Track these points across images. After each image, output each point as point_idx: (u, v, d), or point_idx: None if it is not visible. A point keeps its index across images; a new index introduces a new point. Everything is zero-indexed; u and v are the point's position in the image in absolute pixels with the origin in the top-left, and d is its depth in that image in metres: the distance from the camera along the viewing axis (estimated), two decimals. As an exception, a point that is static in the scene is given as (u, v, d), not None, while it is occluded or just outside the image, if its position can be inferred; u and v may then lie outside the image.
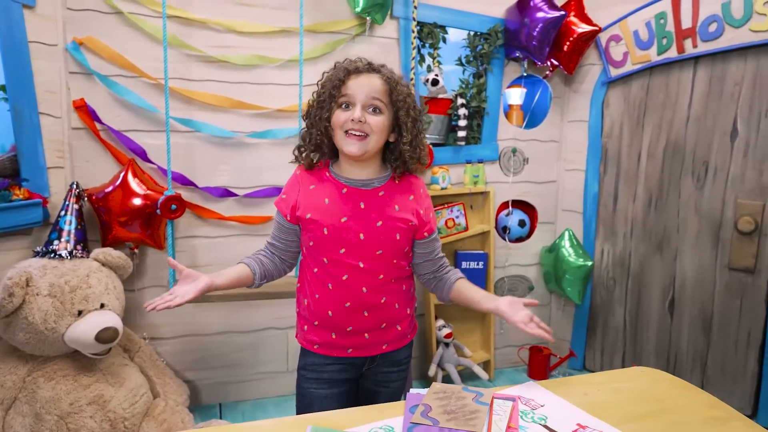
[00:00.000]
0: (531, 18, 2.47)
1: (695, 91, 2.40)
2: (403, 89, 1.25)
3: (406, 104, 1.24)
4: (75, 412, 1.79)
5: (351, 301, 1.27)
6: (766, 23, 2.11)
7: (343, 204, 1.24)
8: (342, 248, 1.25)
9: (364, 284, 1.26)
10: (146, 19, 2.13)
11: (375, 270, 1.26)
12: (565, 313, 2.92)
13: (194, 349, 2.39)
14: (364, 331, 1.30)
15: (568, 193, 2.88)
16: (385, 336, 1.33)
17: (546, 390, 1.15)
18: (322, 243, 1.26)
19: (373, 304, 1.28)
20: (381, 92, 1.22)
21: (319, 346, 1.32)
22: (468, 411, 1.01)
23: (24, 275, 1.76)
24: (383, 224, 1.25)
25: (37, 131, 2.01)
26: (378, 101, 1.21)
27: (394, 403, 1.10)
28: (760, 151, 2.21)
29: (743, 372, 2.30)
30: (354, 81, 1.22)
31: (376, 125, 1.21)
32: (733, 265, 2.31)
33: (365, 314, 1.28)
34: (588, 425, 1.02)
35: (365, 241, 1.24)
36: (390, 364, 1.38)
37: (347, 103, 1.22)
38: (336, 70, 1.26)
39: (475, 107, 2.66)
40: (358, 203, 1.25)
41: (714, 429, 1.01)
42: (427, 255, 1.35)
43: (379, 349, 1.33)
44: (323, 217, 1.24)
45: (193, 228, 2.30)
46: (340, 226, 1.23)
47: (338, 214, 1.24)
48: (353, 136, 1.21)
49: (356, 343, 1.31)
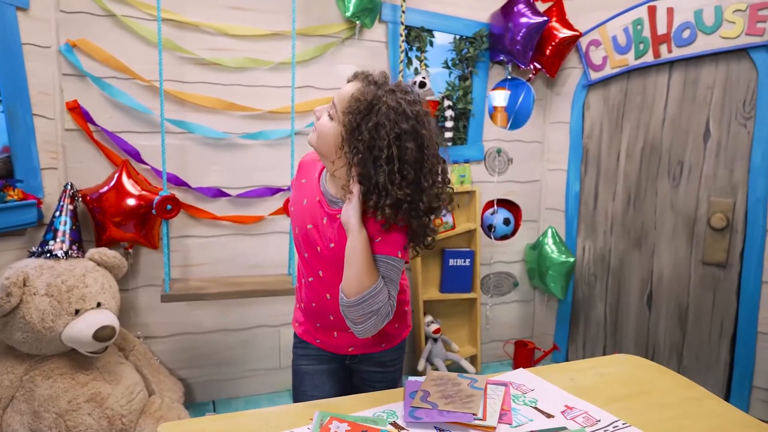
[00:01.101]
0: (515, 23, 2.56)
1: (670, 94, 2.51)
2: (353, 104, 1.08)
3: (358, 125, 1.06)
4: (73, 409, 1.82)
5: (317, 303, 1.28)
6: (734, 30, 2.22)
7: (313, 211, 1.22)
8: (306, 252, 1.25)
9: (328, 291, 1.24)
10: (139, 21, 2.16)
11: (333, 282, 1.19)
12: (549, 308, 3.02)
13: (187, 348, 2.42)
14: (333, 329, 1.31)
15: (551, 192, 2.98)
16: (352, 340, 1.27)
17: (535, 376, 1.23)
18: (296, 240, 1.28)
19: (336, 311, 1.18)
20: (343, 99, 1.11)
21: (298, 325, 1.40)
22: (464, 395, 1.08)
23: (21, 275, 1.78)
24: (335, 247, 1.18)
25: (31, 133, 2.03)
26: (332, 108, 1.13)
27: (394, 390, 1.16)
28: (731, 151, 2.33)
29: (716, 361, 2.42)
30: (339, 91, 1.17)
31: (319, 126, 1.15)
32: (707, 260, 2.42)
33: (330, 318, 1.28)
34: (575, 406, 1.09)
35: (322, 255, 1.21)
36: (373, 364, 1.37)
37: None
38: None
39: (461, 109, 2.74)
40: (322, 218, 1.20)
41: (689, 407, 1.10)
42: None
43: (346, 350, 1.34)
44: (297, 216, 1.26)
45: (187, 228, 2.33)
46: (306, 231, 1.23)
47: (307, 220, 1.23)
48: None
49: (325, 338, 1.34)
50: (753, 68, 2.23)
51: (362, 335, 1.10)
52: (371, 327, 1.08)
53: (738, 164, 2.31)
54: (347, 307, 1.08)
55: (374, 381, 1.37)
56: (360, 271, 1.07)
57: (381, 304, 1.07)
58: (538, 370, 1.27)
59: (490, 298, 2.96)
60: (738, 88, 2.29)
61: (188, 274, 2.36)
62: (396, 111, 1.06)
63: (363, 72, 1.16)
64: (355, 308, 1.07)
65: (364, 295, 1.07)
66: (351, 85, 1.13)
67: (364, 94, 1.08)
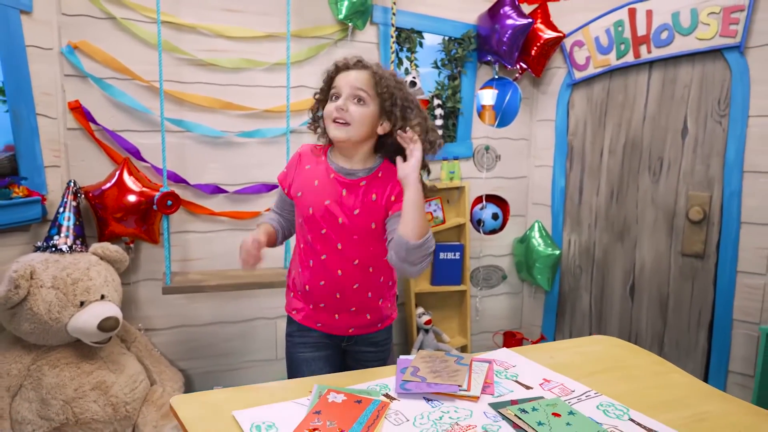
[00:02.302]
0: (501, 25, 2.66)
1: (650, 93, 2.62)
2: (390, 81, 1.32)
3: (392, 94, 1.30)
4: (79, 397, 1.89)
5: (326, 281, 1.38)
6: (709, 32, 2.34)
7: (329, 188, 1.35)
8: (323, 228, 1.35)
9: (340, 267, 1.36)
10: (138, 24, 2.24)
11: (351, 254, 1.35)
12: (536, 299, 3.13)
13: (187, 339, 2.49)
14: (335, 311, 1.41)
15: (538, 187, 3.09)
16: (353, 320, 1.42)
17: (517, 354, 1.33)
18: (308, 221, 1.37)
19: (345, 287, 1.37)
20: (365, 84, 1.30)
21: (296, 312, 1.47)
22: (451, 370, 1.17)
23: (28, 268, 1.85)
24: (360, 212, 1.33)
25: (35, 132, 2.10)
26: (362, 92, 1.30)
27: (386, 367, 1.25)
28: (707, 147, 2.44)
29: (695, 348, 2.54)
30: (342, 75, 1.34)
31: (357, 114, 1.30)
32: (686, 252, 2.54)
33: (337, 296, 1.39)
34: (552, 379, 1.19)
35: (343, 226, 1.33)
36: (367, 344, 1.48)
37: (336, 95, 1.33)
38: (332, 69, 1.39)
39: (451, 107, 2.84)
40: (341, 190, 1.34)
41: (656, 379, 1.20)
42: (391, 233, 1.33)
43: (346, 331, 1.44)
44: (310, 197, 1.36)
45: (186, 223, 2.41)
46: (323, 207, 1.34)
47: (323, 197, 1.34)
48: (337, 123, 1.31)
49: (326, 320, 1.42)
50: (727, 68, 2.35)
51: (416, 274, 1.27)
52: (425, 265, 1.24)
53: (714, 160, 2.43)
54: (413, 248, 1.20)
55: (367, 360, 1.47)
56: (421, 217, 1.22)
57: (433, 244, 1.25)
58: (520, 349, 1.37)
59: (479, 291, 3.06)
60: (713, 87, 2.41)
61: (187, 268, 2.43)
62: (395, 77, 1.36)
63: (352, 58, 1.38)
64: (419, 249, 1.21)
65: (426, 237, 1.22)
66: (361, 73, 1.34)
67: (383, 73, 1.34)
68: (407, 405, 1.07)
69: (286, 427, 0.96)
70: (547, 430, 0.98)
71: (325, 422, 0.97)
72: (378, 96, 1.31)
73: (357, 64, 1.36)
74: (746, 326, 2.34)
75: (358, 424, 0.97)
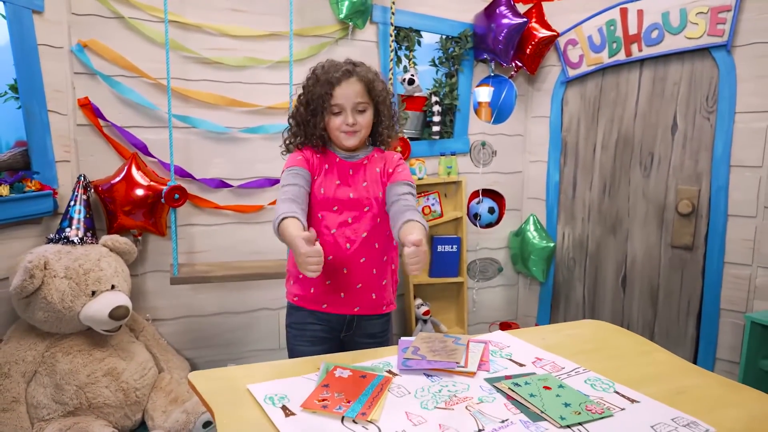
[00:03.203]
0: (497, 24, 2.74)
1: (641, 90, 2.71)
2: (378, 84, 1.49)
3: (381, 96, 1.50)
4: (92, 382, 1.97)
5: (334, 255, 1.45)
6: (698, 31, 2.42)
7: (337, 170, 1.50)
8: (335, 206, 1.47)
9: (349, 240, 1.46)
10: (145, 23, 2.31)
11: (360, 227, 1.46)
12: (531, 291, 3.21)
13: (192, 329, 2.57)
14: (341, 289, 1.48)
15: (532, 182, 3.17)
16: (358, 298, 1.49)
17: (512, 336, 1.41)
18: (319, 201, 1.47)
19: (353, 261, 1.46)
20: (362, 95, 1.46)
21: (298, 298, 1.52)
22: (449, 349, 1.25)
23: (42, 259, 1.93)
24: (368, 184, 1.49)
25: (46, 128, 2.17)
26: (362, 102, 1.47)
27: (389, 347, 1.34)
28: (696, 142, 2.53)
29: (684, 336, 2.63)
30: (339, 91, 1.44)
31: (364, 122, 1.48)
32: (675, 243, 2.63)
33: (344, 271, 1.47)
34: (544, 358, 1.28)
35: (355, 199, 1.47)
36: (365, 336, 1.55)
37: (339, 110, 1.45)
38: (320, 81, 1.45)
39: (448, 104, 2.92)
40: (348, 170, 1.50)
41: (640, 358, 1.28)
42: (394, 195, 1.45)
43: (351, 310, 1.51)
44: (322, 180, 1.48)
45: (191, 216, 2.48)
46: (334, 187, 1.48)
47: (333, 178, 1.49)
48: (348, 133, 1.47)
49: (331, 300, 1.49)
50: (714, 66, 2.43)
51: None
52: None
53: (702, 155, 2.51)
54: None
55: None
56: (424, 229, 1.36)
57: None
58: (514, 332, 1.45)
59: (476, 283, 3.14)
60: (702, 85, 2.49)
61: (193, 260, 2.51)
62: (375, 73, 1.52)
63: (341, 69, 1.46)
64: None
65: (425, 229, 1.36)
66: (356, 85, 1.46)
67: (371, 77, 1.47)
68: (409, 380, 1.15)
69: (297, 398, 1.04)
70: (538, 401, 1.06)
71: (333, 394, 1.05)
72: (372, 100, 1.49)
73: (346, 74, 1.45)
74: (733, 315, 2.43)
75: (364, 396, 1.05)
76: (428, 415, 1.00)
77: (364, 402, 1.03)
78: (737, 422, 0.99)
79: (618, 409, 1.03)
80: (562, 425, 0.97)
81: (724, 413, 1.02)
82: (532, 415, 1.01)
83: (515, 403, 1.06)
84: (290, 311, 1.57)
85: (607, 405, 1.05)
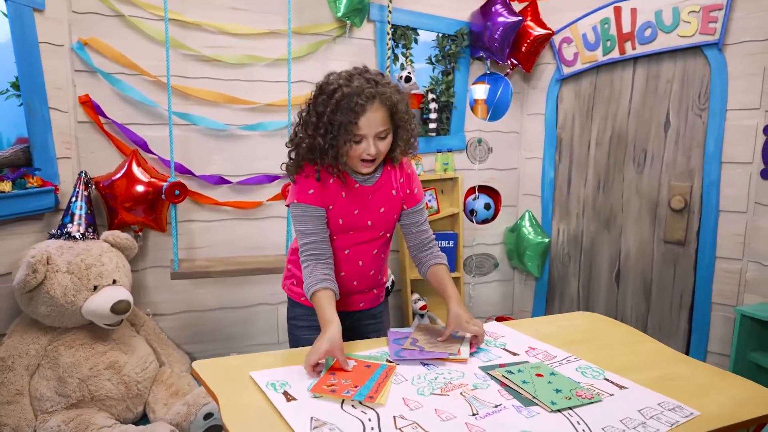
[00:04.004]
0: (493, 22, 2.78)
1: (635, 88, 2.75)
2: (402, 107, 1.36)
3: (404, 119, 1.38)
4: (94, 375, 2.00)
5: (346, 272, 1.49)
6: (690, 30, 2.46)
7: (356, 198, 1.42)
8: (351, 231, 1.46)
9: (361, 258, 1.49)
10: (145, 21, 2.33)
11: (373, 246, 1.49)
12: (527, 286, 3.26)
13: (192, 324, 2.60)
14: (349, 294, 1.53)
15: (528, 178, 3.21)
16: (362, 298, 1.57)
17: (506, 327, 1.45)
18: (335, 228, 1.44)
19: (363, 275, 1.52)
20: (385, 121, 1.34)
21: (305, 298, 1.49)
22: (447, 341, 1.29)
23: (45, 254, 1.95)
24: (385, 209, 1.47)
25: (48, 125, 2.19)
26: (384, 131, 1.34)
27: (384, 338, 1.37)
28: (688, 139, 2.57)
29: (677, 329, 2.67)
30: (364, 120, 1.30)
31: (384, 148, 1.37)
32: (668, 239, 2.67)
33: (354, 283, 1.52)
34: (537, 347, 1.31)
35: (372, 226, 1.46)
36: (368, 318, 1.62)
37: (360, 139, 1.32)
38: (343, 110, 1.29)
39: (444, 102, 2.95)
40: (367, 196, 1.44)
41: (629, 347, 1.32)
42: (413, 225, 1.52)
43: (357, 306, 1.57)
44: (340, 209, 1.43)
45: (191, 213, 2.51)
46: (352, 216, 1.43)
47: (352, 207, 1.42)
48: (367, 162, 1.37)
49: (339, 302, 1.49)
50: (706, 64, 2.47)
51: None
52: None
53: (694, 151, 2.55)
54: None
55: (368, 332, 1.60)
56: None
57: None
58: (508, 323, 1.49)
59: (472, 278, 3.18)
60: (694, 82, 2.53)
61: (192, 255, 2.54)
62: (398, 91, 1.38)
63: (364, 93, 1.30)
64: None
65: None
66: (379, 112, 1.32)
67: (394, 98, 1.34)
68: (406, 369, 1.19)
69: (297, 384, 1.08)
70: (530, 387, 1.10)
71: (340, 380, 1.09)
72: (393, 124, 1.38)
73: (371, 99, 1.30)
74: (724, 309, 2.48)
75: (370, 381, 1.09)
76: (425, 401, 1.04)
77: (371, 387, 1.06)
78: (722, 407, 1.03)
79: (607, 395, 1.07)
80: (553, 409, 1.01)
81: (709, 398, 1.06)
82: (525, 400, 1.05)
83: (508, 390, 1.09)
84: (294, 306, 1.59)
85: (597, 391, 1.09)
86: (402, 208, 1.51)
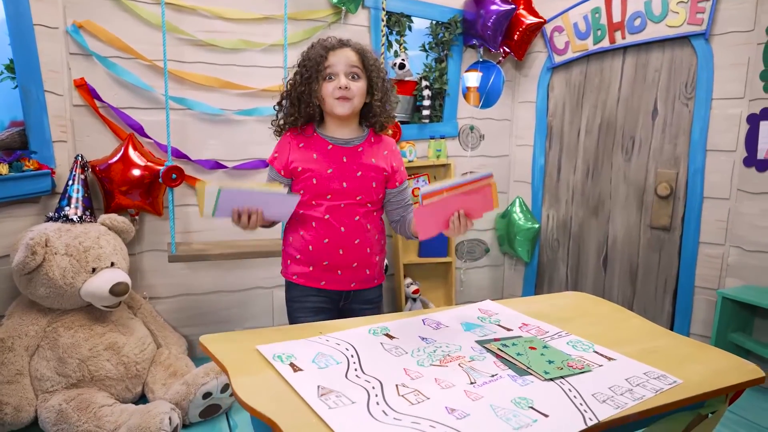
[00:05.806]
0: (486, 10, 2.81)
1: (624, 77, 2.81)
2: (372, 56, 1.51)
3: (376, 67, 1.50)
4: (94, 356, 2.03)
5: (329, 238, 1.52)
6: (678, 20, 2.52)
7: (329, 158, 1.50)
8: (328, 194, 1.51)
9: (343, 224, 1.51)
10: (140, 4, 2.33)
11: (353, 212, 1.52)
12: (516, 271, 3.33)
13: (188, 307, 2.63)
14: (338, 268, 1.56)
15: (519, 165, 3.27)
16: (354, 275, 1.57)
17: (499, 305, 1.51)
18: (312, 190, 1.51)
19: (347, 243, 1.53)
20: (356, 61, 1.47)
21: (297, 276, 1.58)
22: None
23: (43, 236, 1.97)
24: (362, 174, 1.51)
25: (43, 108, 2.20)
26: (356, 68, 1.47)
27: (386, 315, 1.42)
28: (675, 127, 2.64)
29: (661, 312, 2.76)
30: (333, 56, 1.45)
31: (357, 89, 1.47)
32: (654, 224, 2.75)
33: (340, 252, 1.54)
34: (530, 323, 1.37)
35: (347, 189, 1.50)
36: (362, 302, 1.64)
37: (331, 75, 1.46)
38: (315, 49, 1.48)
39: (438, 89, 2.99)
40: (341, 157, 1.50)
41: (618, 323, 1.39)
42: (399, 203, 1.61)
43: (348, 286, 1.59)
44: (313, 168, 1.50)
45: (187, 197, 2.53)
46: (326, 176, 1.49)
47: (325, 166, 1.49)
48: (342, 99, 1.45)
49: (329, 277, 1.56)
50: (693, 54, 2.53)
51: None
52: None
53: (680, 139, 2.63)
54: (416, 238, 1.60)
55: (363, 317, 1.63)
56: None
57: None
58: (501, 301, 1.55)
59: (464, 263, 3.24)
60: (681, 72, 2.60)
61: (188, 239, 2.56)
62: (372, 52, 1.53)
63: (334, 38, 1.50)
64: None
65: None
66: (351, 51, 1.48)
67: (366, 49, 1.50)
68: (405, 342, 1.24)
69: (303, 356, 1.12)
70: (524, 359, 1.15)
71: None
72: (366, 70, 1.49)
73: (340, 43, 1.48)
74: (706, 292, 2.57)
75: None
76: (425, 371, 1.09)
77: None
78: (702, 375, 1.10)
79: (596, 366, 1.13)
80: (546, 378, 1.07)
81: (691, 368, 1.12)
82: (519, 370, 1.11)
83: (504, 361, 1.15)
84: (290, 288, 1.63)
85: (587, 362, 1.15)
86: (394, 185, 1.59)
